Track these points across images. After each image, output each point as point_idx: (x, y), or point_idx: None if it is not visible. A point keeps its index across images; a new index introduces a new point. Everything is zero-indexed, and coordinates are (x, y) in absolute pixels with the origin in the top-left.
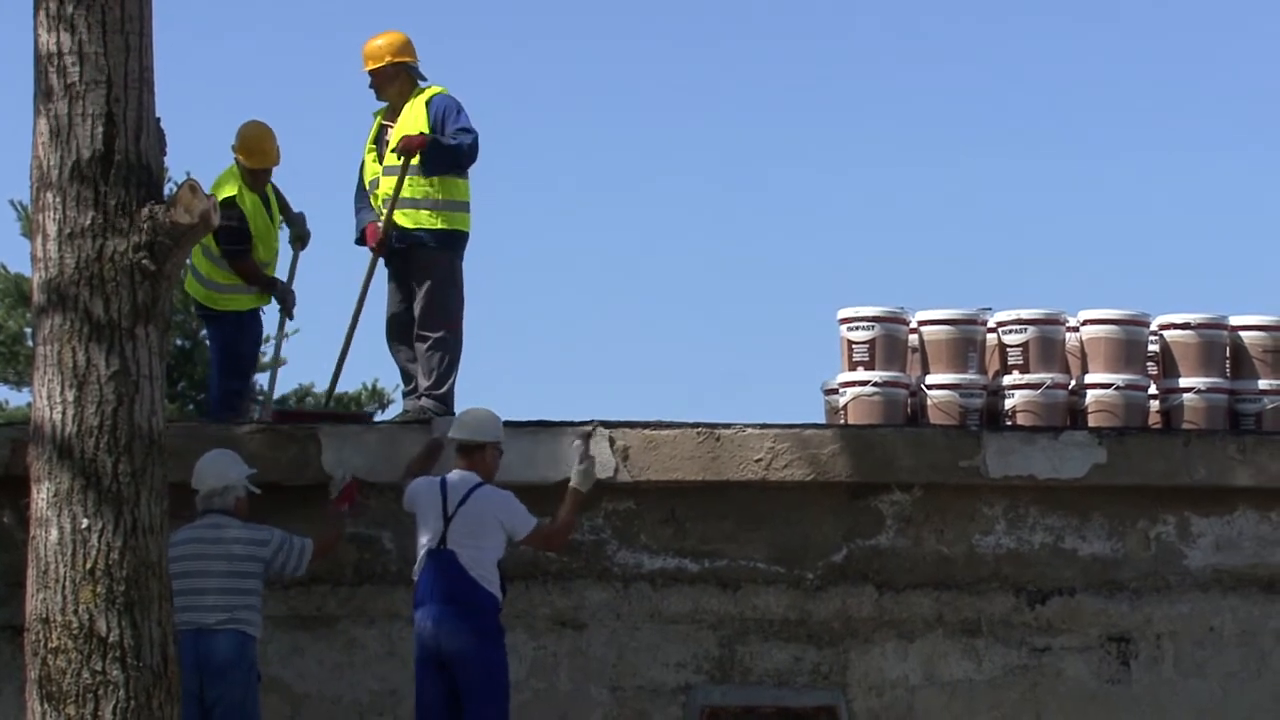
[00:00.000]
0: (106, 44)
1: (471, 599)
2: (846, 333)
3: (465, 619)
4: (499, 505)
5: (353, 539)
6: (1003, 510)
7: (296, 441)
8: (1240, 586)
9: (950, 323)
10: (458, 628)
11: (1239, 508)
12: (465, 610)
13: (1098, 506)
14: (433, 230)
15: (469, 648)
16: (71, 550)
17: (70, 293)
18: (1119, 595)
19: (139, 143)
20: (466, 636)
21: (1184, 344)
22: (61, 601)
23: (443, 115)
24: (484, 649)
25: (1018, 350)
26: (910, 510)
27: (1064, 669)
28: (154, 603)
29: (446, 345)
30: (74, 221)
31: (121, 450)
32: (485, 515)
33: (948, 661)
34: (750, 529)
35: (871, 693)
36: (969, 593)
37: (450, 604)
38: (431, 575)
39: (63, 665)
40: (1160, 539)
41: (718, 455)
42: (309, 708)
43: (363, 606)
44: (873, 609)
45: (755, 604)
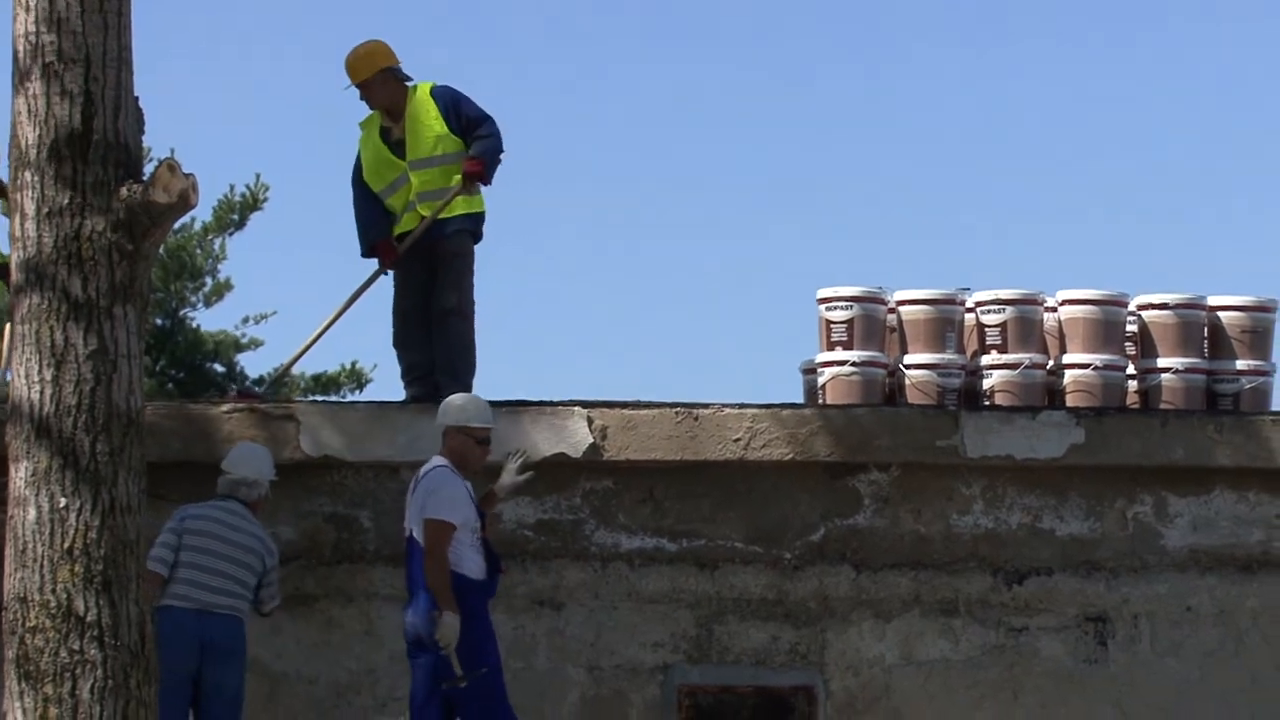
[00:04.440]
0: (85, 23)
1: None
2: (825, 312)
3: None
4: (424, 487)
5: (331, 518)
6: (980, 490)
7: (275, 421)
8: (1217, 566)
9: (928, 303)
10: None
11: (1216, 488)
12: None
13: (1075, 486)
14: (464, 215)
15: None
16: (49, 529)
17: (48, 272)
18: (1096, 575)
19: (117, 122)
20: (428, 620)
21: (1162, 324)
22: (39, 581)
23: (454, 103)
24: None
25: (996, 330)
26: (888, 490)
27: (1041, 649)
28: (132, 582)
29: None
30: (52, 200)
31: (99, 429)
32: (419, 499)
33: (925, 641)
34: (728, 509)
35: (848, 672)
36: (946, 572)
37: (417, 588)
38: (407, 562)
39: (40, 644)
40: (1138, 519)
41: (696, 435)
42: (286, 686)
43: (341, 586)
44: (850, 589)
45: (733, 584)
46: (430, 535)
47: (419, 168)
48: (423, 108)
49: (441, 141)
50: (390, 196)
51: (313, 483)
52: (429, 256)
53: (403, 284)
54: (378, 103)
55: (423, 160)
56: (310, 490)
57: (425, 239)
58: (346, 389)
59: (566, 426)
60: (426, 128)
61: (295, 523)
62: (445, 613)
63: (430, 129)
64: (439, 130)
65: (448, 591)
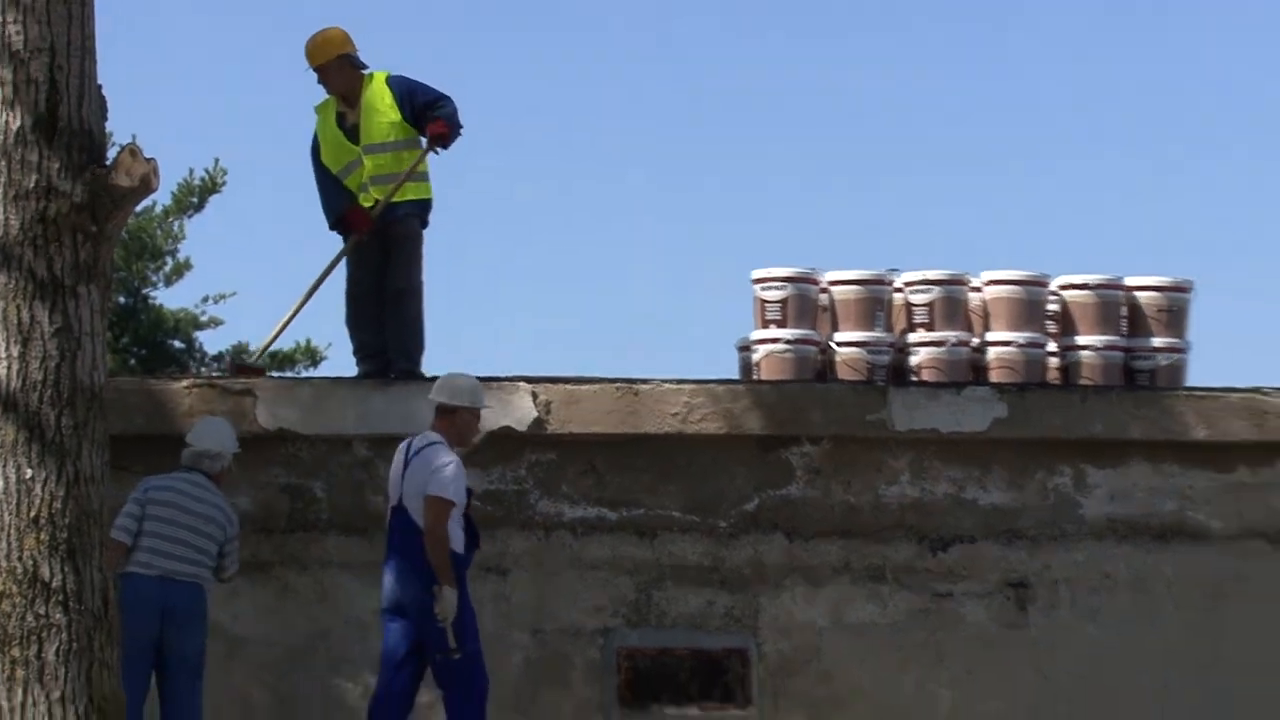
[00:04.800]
0: (49, 13)
1: (421, 553)
2: (760, 292)
3: (416, 573)
4: (428, 461)
5: (286, 489)
6: (907, 462)
7: (233, 395)
8: (1133, 535)
9: (859, 283)
10: (411, 581)
11: (1133, 460)
12: (416, 564)
13: (998, 459)
14: (413, 201)
15: (424, 601)
16: (16, 499)
17: (15, 253)
18: (1017, 543)
19: (81, 108)
20: (416, 589)
21: (1082, 304)
22: (6, 548)
23: (409, 92)
24: (427, 594)
25: (923, 309)
26: (819, 462)
27: (964, 613)
28: (95, 549)
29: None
30: (18, 184)
31: (64, 404)
32: (421, 471)
33: (854, 606)
34: (666, 480)
35: (781, 636)
36: (874, 540)
37: (404, 558)
38: (391, 531)
39: (7, 609)
40: (1057, 489)
41: (635, 409)
42: (244, 649)
43: (295, 553)
44: (782, 556)
45: (671, 551)
46: (433, 512)
47: (373, 152)
48: (378, 95)
49: (395, 128)
50: (346, 178)
51: (268, 455)
52: (380, 240)
53: (355, 266)
54: (334, 88)
55: (376, 145)
56: (266, 462)
57: (378, 222)
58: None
59: (512, 401)
60: (381, 114)
61: (252, 493)
62: (445, 588)
63: (384, 116)
64: (393, 117)
65: (448, 567)
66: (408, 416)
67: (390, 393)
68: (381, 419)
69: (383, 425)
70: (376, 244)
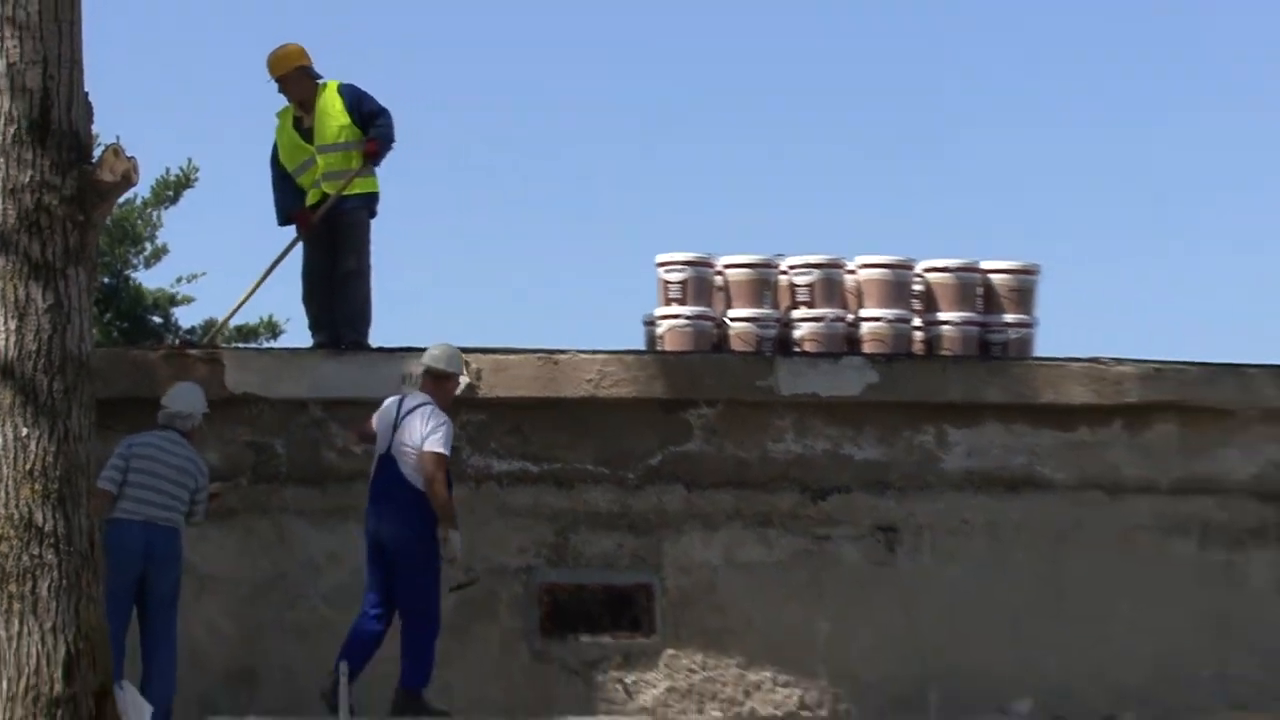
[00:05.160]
0: (43, 30)
1: (405, 497)
2: (663, 274)
3: (398, 514)
4: (427, 419)
5: (249, 445)
6: (791, 423)
7: (203, 364)
8: (987, 486)
9: (749, 266)
10: (392, 521)
11: (987, 421)
12: (399, 506)
13: (870, 419)
14: (361, 194)
15: (400, 537)
16: (13, 455)
17: (12, 239)
18: (887, 493)
19: (70, 113)
20: (398, 528)
21: (943, 284)
22: (4, 498)
23: (358, 99)
24: (414, 538)
25: (805, 289)
26: (714, 422)
27: (841, 554)
28: (83, 498)
29: (367, 283)
30: (15, 179)
31: (56, 371)
32: (417, 426)
33: (744, 548)
34: (581, 438)
35: (681, 573)
36: (763, 491)
37: (388, 502)
38: (377, 476)
39: (5, 551)
40: (921, 446)
41: (555, 376)
42: (213, 585)
43: (258, 502)
44: (682, 504)
45: (585, 500)
46: (434, 465)
47: (325, 151)
48: (330, 102)
49: (344, 130)
50: (300, 175)
51: (234, 416)
52: (332, 227)
53: (310, 250)
54: (293, 96)
55: (328, 145)
56: (232, 422)
57: (330, 213)
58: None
59: None
60: (332, 119)
61: (220, 448)
62: (451, 530)
63: (335, 119)
64: (343, 121)
65: (452, 512)
66: (357, 382)
67: (341, 361)
68: (333, 385)
69: (334, 390)
70: (328, 231)
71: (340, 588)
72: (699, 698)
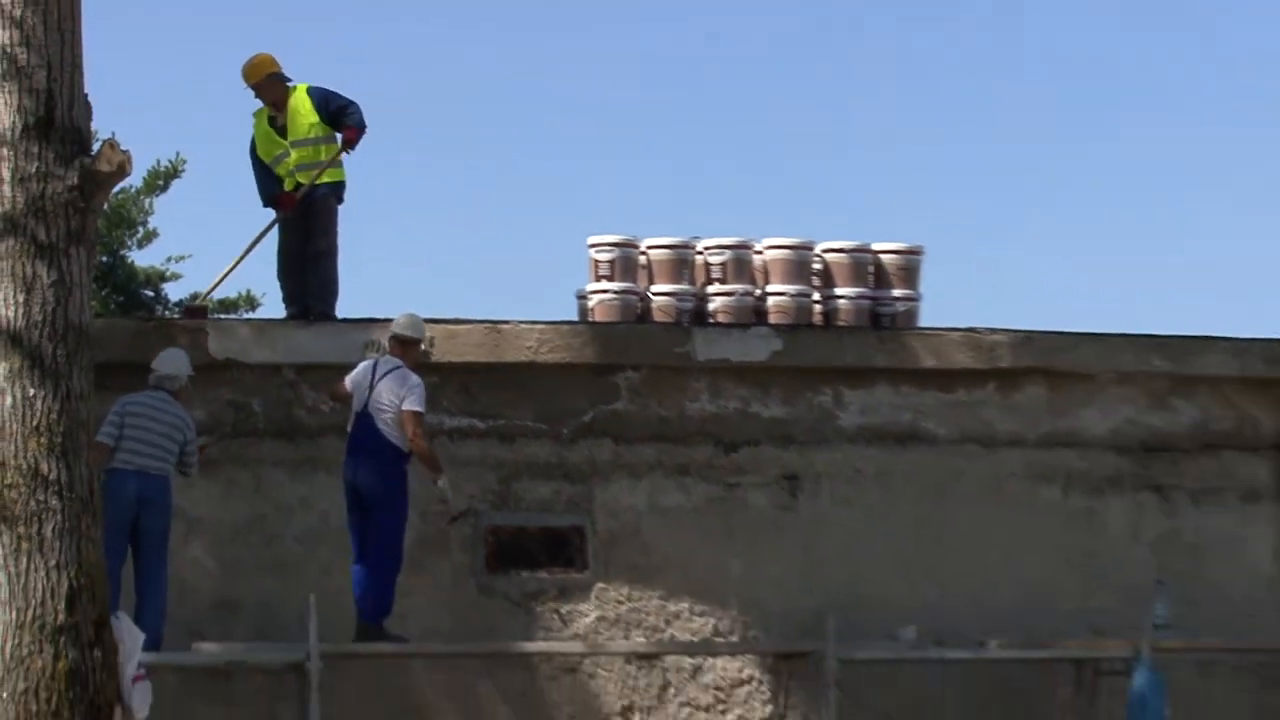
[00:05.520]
0: (47, 38)
1: (380, 450)
2: (594, 254)
3: (374, 465)
4: (403, 381)
5: (230, 404)
6: (706, 384)
7: (189, 333)
8: (878, 441)
9: (670, 247)
10: (368, 471)
11: (877, 383)
12: (374, 458)
13: (775, 382)
14: (330, 183)
15: (375, 485)
16: (21, 412)
17: (20, 223)
18: (790, 446)
19: (72, 111)
20: (373, 477)
21: (839, 263)
22: (15, 450)
23: (325, 99)
24: (386, 485)
25: (719, 267)
26: (638, 384)
27: (749, 500)
28: (83, 450)
29: (335, 261)
30: (23, 169)
31: (59, 339)
32: (394, 388)
33: (665, 494)
34: (522, 398)
35: (610, 516)
36: (681, 444)
37: (364, 454)
38: (355, 431)
39: (15, 496)
40: (820, 405)
41: (499, 344)
42: (199, 527)
43: (238, 454)
44: (611, 455)
45: (526, 452)
46: (415, 423)
47: (298, 145)
48: (301, 102)
49: (314, 127)
50: (276, 166)
51: (217, 378)
52: (304, 212)
53: (285, 233)
54: (266, 99)
55: (300, 140)
56: (215, 384)
57: (303, 199)
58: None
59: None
60: (302, 117)
61: (204, 407)
62: (439, 475)
63: (305, 118)
64: (312, 119)
65: (435, 459)
66: (325, 349)
67: (312, 331)
68: (304, 351)
69: (306, 356)
70: (301, 216)
71: (310, 529)
72: (625, 626)
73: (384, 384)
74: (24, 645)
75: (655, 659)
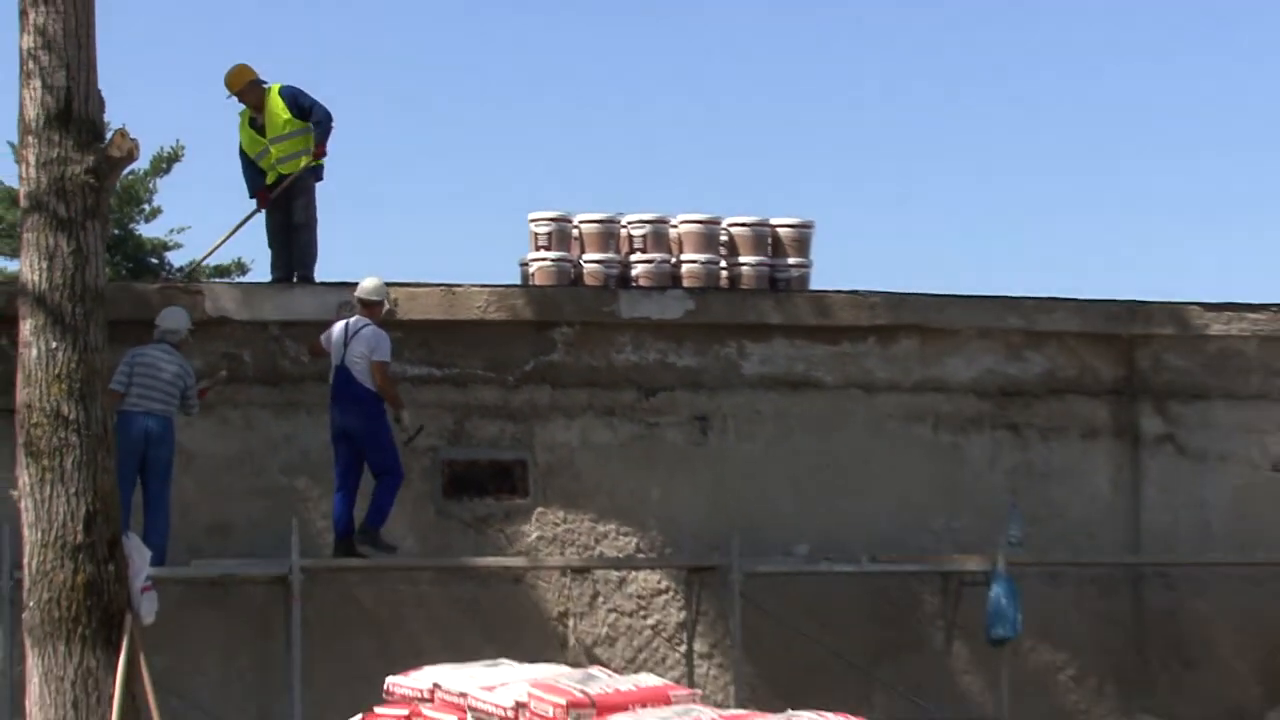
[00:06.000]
0: (65, 43)
1: (359, 396)
2: (534, 227)
3: (355, 407)
4: (371, 337)
5: (224, 355)
6: (630, 338)
7: (188, 294)
8: (775, 387)
9: (599, 222)
10: (350, 413)
11: (774, 338)
12: (354, 402)
13: (688, 336)
14: (308, 168)
15: (359, 424)
16: (45, 362)
17: (44, 200)
18: (701, 391)
19: (87, 105)
20: (356, 418)
21: (743, 236)
22: (40, 394)
23: (294, 96)
24: (369, 424)
25: (640, 239)
26: (572, 339)
27: (667, 437)
28: (99, 395)
29: (313, 232)
30: (46, 155)
31: (77, 299)
32: (364, 343)
33: (595, 432)
34: (474, 350)
35: (548, 451)
36: (608, 389)
37: (345, 400)
38: (335, 381)
39: (40, 434)
40: (726, 356)
41: (453, 303)
42: (197, 461)
43: (230, 398)
44: (549, 399)
45: (476, 396)
46: (382, 371)
47: (276, 141)
48: (275, 103)
49: (288, 123)
50: (260, 160)
51: (213, 333)
52: (287, 192)
53: (272, 209)
54: (247, 102)
55: (277, 136)
56: (211, 337)
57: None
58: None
59: None
60: (278, 115)
61: (202, 357)
62: (403, 411)
63: (280, 115)
64: (285, 116)
65: (398, 397)
66: (306, 308)
67: (293, 292)
68: (288, 310)
69: (289, 314)
70: (284, 195)
71: (292, 462)
72: (561, 544)
73: (356, 340)
74: (48, 561)
75: (586, 572)
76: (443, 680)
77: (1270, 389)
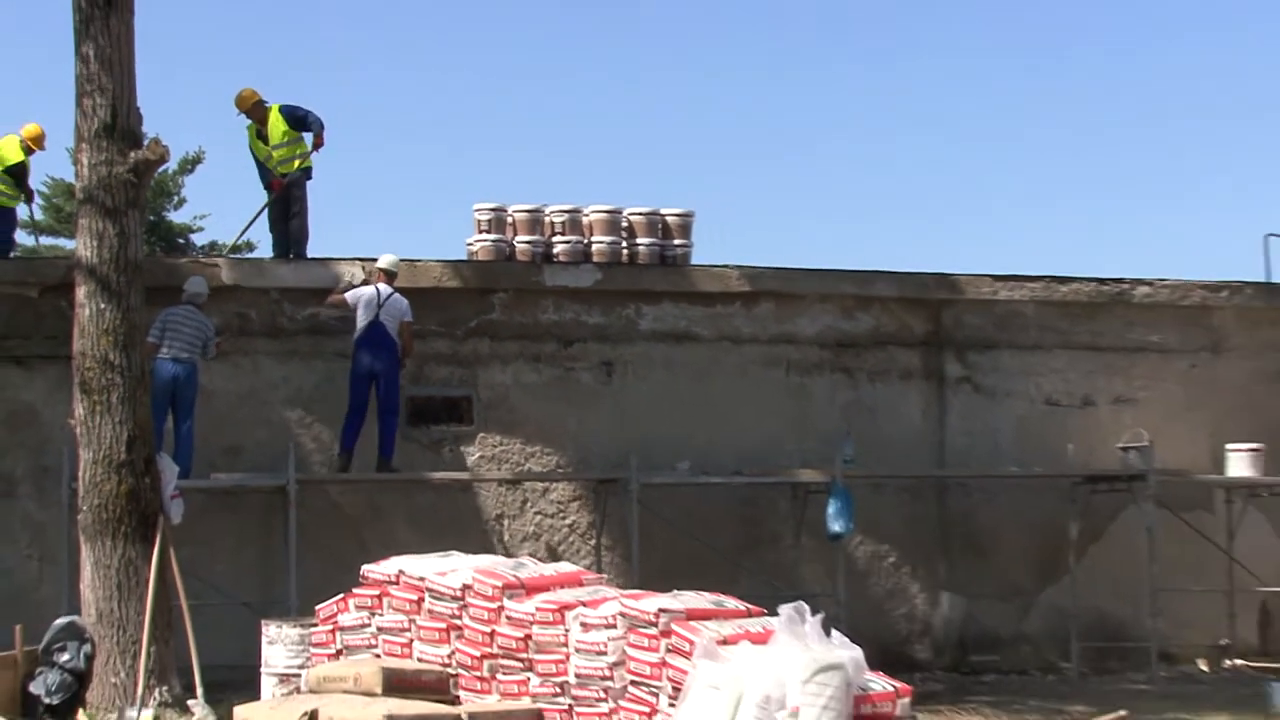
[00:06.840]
0: (111, 71)
1: (390, 346)
2: (477, 215)
3: (386, 355)
4: (401, 302)
5: (236, 314)
6: (553, 302)
7: (208, 267)
8: (665, 340)
9: (528, 211)
10: (382, 359)
11: (664, 302)
12: (386, 350)
13: (597, 301)
14: (302, 168)
15: (385, 366)
16: (96, 319)
17: (95, 194)
18: (606, 343)
19: (129, 119)
20: (385, 362)
21: (640, 222)
22: (92, 344)
23: (291, 113)
24: (392, 368)
25: (560, 224)
26: (508, 302)
27: (580, 379)
28: (138, 345)
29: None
30: (96, 158)
31: (121, 271)
32: (397, 306)
33: (525, 374)
34: (430, 311)
35: (489, 389)
36: (536, 341)
37: (379, 348)
38: (370, 332)
39: (92, 376)
40: (627, 317)
41: (414, 275)
42: (214, 398)
43: (241, 347)
44: (489, 349)
45: (433, 347)
46: (409, 329)
47: (277, 148)
48: (275, 118)
49: (286, 134)
50: (265, 163)
51: (227, 296)
52: (285, 191)
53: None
54: (253, 118)
55: (278, 144)
56: (226, 300)
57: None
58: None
59: (348, 271)
60: (277, 128)
61: (219, 317)
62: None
63: (278, 127)
64: (284, 128)
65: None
66: (300, 279)
67: (292, 265)
68: (287, 279)
69: (289, 283)
70: (283, 191)
71: (289, 398)
72: (498, 461)
73: (390, 302)
74: (98, 474)
75: (517, 484)
76: (406, 567)
77: (1044, 341)
